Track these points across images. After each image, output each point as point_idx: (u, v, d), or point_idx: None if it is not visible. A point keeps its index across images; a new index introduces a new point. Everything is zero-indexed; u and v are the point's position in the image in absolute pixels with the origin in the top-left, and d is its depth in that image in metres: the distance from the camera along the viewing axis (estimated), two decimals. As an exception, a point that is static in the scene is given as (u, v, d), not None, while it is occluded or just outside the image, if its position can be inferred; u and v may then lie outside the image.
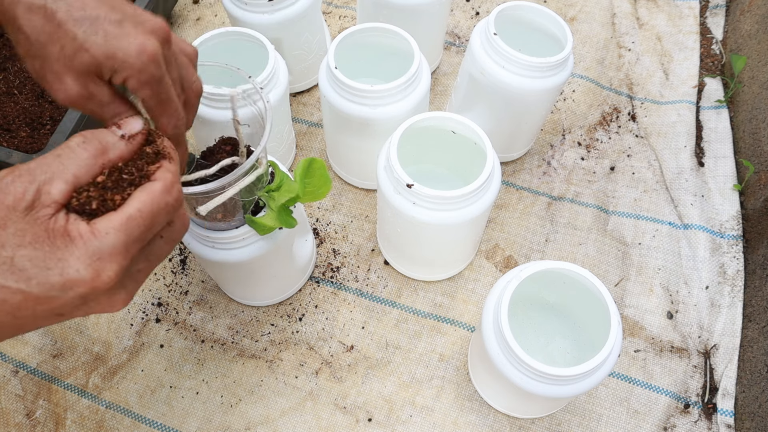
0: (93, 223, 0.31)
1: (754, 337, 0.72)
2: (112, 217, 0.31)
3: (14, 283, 0.29)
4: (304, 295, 0.78)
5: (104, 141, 0.33)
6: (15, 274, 0.29)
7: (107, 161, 0.32)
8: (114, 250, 0.30)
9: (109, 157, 0.32)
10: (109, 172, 0.32)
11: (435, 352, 0.74)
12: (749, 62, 0.91)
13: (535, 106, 0.76)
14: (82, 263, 0.29)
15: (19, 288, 0.29)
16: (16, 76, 0.88)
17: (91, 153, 0.32)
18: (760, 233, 0.78)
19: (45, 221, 0.30)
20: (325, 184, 0.57)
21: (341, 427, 0.69)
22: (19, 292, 0.29)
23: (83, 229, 0.30)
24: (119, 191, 0.32)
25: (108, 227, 0.30)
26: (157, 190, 0.32)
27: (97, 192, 0.31)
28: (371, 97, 0.68)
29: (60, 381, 0.73)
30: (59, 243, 0.29)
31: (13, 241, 0.29)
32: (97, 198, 0.31)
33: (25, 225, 0.29)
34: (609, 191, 0.87)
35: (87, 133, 0.32)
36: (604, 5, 1.06)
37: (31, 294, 0.29)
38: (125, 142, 0.33)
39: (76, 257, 0.29)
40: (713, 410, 0.70)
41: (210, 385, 0.72)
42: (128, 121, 0.35)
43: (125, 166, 0.33)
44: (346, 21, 1.06)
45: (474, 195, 0.61)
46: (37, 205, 0.30)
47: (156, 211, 0.32)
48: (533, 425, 0.69)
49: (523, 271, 0.57)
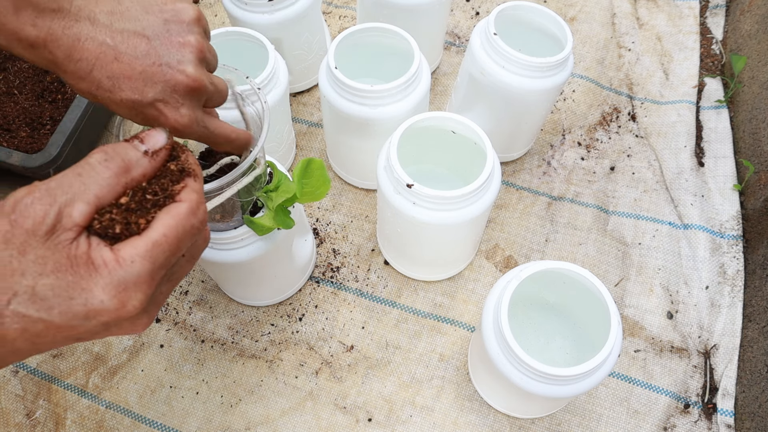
0: (117, 250, 0.29)
1: (754, 337, 0.72)
2: (137, 244, 0.30)
3: (35, 312, 0.28)
4: (304, 295, 0.78)
5: (127, 158, 0.31)
6: (36, 304, 0.28)
7: (130, 180, 0.31)
8: (139, 280, 0.29)
9: (133, 176, 0.31)
10: (132, 192, 0.31)
11: (435, 352, 0.74)
12: (749, 62, 0.91)
13: (535, 106, 0.76)
14: (107, 294, 0.28)
15: (40, 317, 0.28)
16: (16, 76, 0.88)
17: (114, 172, 0.30)
18: (760, 233, 0.78)
19: (66, 246, 0.28)
20: (323, 184, 0.57)
21: (341, 427, 0.69)
22: (41, 321, 0.28)
23: (107, 257, 0.29)
24: (143, 213, 0.30)
25: (133, 255, 0.29)
26: (182, 212, 0.31)
27: (121, 215, 0.30)
28: (371, 97, 0.68)
29: (60, 381, 0.73)
30: (82, 272, 0.28)
31: (34, 269, 0.28)
32: (121, 222, 0.30)
33: (46, 251, 0.28)
34: (609, 191, 0.87)
35: (109, 149, 0.31)
36: (604, 5, 1.06)
37: (52, 323, 0.28)
38: (149, 158, 0.32)
39: (101, 288, 0.28)
40: (713, 410, 0.70)
41: (210, 385, 0.72)
42: (152, 135, 0.33)
43: (149, 185, 0.31)
44: (346, 21, 1.06)
45: (474, 195, 0.61)
46: (58, 229, 0.28)
47: (182, 234, 0.31)
48: (533, 425, 0.69)
49: (523, 271, 0.57)
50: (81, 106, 0.81)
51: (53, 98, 0.86)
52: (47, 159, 0.78)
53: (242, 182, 0.50)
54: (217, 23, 1.06)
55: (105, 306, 0.28)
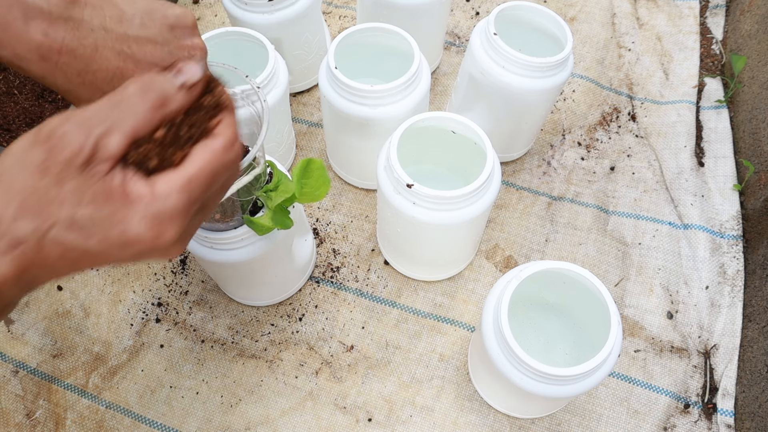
0: (152, 183, 0.29)
1: (754, 337, 0.72)
2: (173, 178, 0.30)
3: (74, 240, 0.28)
4: (304, 295, 0.78)
5: (164, 91, 0.30)
6: (75, 233, 0.28)
7: (167, 114, 0.30)
8: (175, 213, 0.30)
9: (169, 110, 0.31)
10: (168, 126, 0.30)
11: (435, 352, 0.74)
12: (749, 62, 0.91)
13: (535, 106, 0.76)
14: (144, 226, 0.29)
15: (78, 245, 0.29)
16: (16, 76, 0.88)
17: (151, 105, 0.30)
18: (760, 233, 0.78)
19: (102, 178, 0.28)
20: (323, 184, 0.57)
21: (341, 427, 0.69)
22: (79, 249, 0.29)
23: (143, 190, 0.29)
24: (178, 147, 0.30)
25: (169, 189, 0.29)
26: (218, 148, 0.31)
27: (156, 148, 0.30)
28: (371, 97, 0.68)
29: (60, 381, 0.73)
30: (119, 204, 0.29)
31: (72, 199, 0.28)
32: (157, 155, 0.30)
33: (83, 182, 0.28)
34: (609, 191, 0.87)
35: (147, 81, 0.30)
36: (604, 5, 1.06)
37: (89, 251, 0.29)
38: (185, 92, 0.31)
39: (137, 220, 0.29)
40: (713, 410, 0.70)
41: (210, 385, 0.72)
42: (189, 67, 0.32)
43: (184, 118, 0.31)
44: (346, 21, 1.06)
45: (474, 195, 0.61)
46: (95, 160, 0.28)
47: (217, 169, 0.31)
48: (533, 425, 0.69)
49: (523, 271, 0.57)
50: (81, 106, 0.81)
51: (53, 98, 0.86)
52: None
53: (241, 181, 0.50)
54: (217, 23, 1.06)
55: (141, 237, 0.29)
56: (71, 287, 0.79)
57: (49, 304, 0.78)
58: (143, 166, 0.30)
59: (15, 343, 0.76)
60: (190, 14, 0.42)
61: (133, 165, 0.30)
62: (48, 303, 0.78)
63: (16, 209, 0.28)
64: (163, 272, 0.80)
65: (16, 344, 0.75)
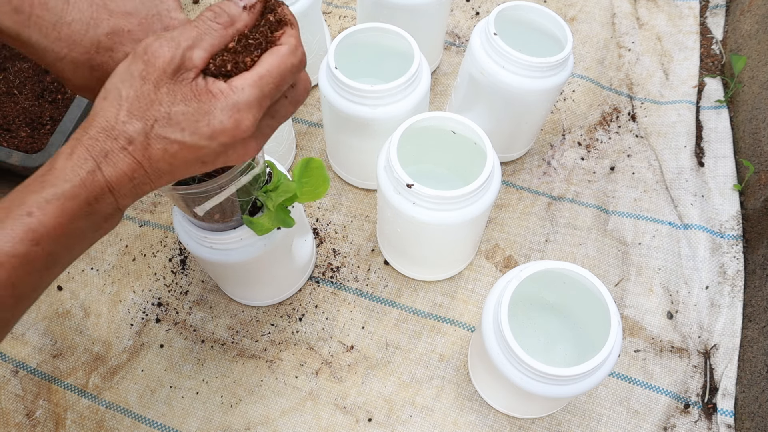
0: (230, 82, 0.35)
1: (754, 337, 0.72)
2: (246, 75, 0.35)
3: (171, 133, 0.34)
4: (304, 295, 0.78)
5: (231, 13, 0.36)
6: (172, 126, 0.34)
7: (235, 31, 0.36)
8: (249, 103, 0.35)
9: (237, 27, 0.36)
10: (238, 39, 0.36)
11: (435, 352, 0.74)
12: (749, 62, 0.91)
13: (535, 106, 0.76)
14: (225, 115, 0.34)
15: (176, 138, 0.34)
16: (16, 76, 0.88)
17: (223, 25, 0.36)
18: (760, 233, 0.78)
19: (190, 82, 0.34)
20: (323, 183, 0.57)
21: (341, 427, 0.69)
22: (176, 142, 0.35)
23: (223, 87, 0.35)
24: (248, 54, 0.36)
25: (243, 84, 0.35)
26: (283, 52, 0.36)
27: (230, 56, 0.36)
28: (371, 97, 0.68)
29: (60, 381, 0.73)
30: (204, 99, 0.34)
31: (167, 99, 0.34)
32: (231, 61, 0.36)
33: (175, 85, 0.34)
34: (609, 191, 0.87)
35: (216, 8, 0.36)
36: (604, 5, 1.06)
37: (185, 143, 0.35)
38: (247, 11, 0.37)
39: (219, 110, 0.34)
40: (713, 410, 0.70)
41: (210, 385, 0.72)
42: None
43: (251, 33, 0.37)
44: (346, 21, 1.06)
45: (474, 195, 0.61)
46: (183, 68, 0.34)
47: (284, 70, 0.36)
48: (533, 425, 0.69)
49: (523, 271, 0.57)
50: (81, 106, 0.81)
51: (53, 98, 0.86)
52: (47, 159, 0.77)
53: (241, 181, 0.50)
54: (217, 23, 1.06)
55: (224, 125, 0.35)
56: (71, 287, 0.79)
57: (49, 304, 0.78)
58: (221, 72, 0.36)
59: (15, 343, 0.76)
60: None
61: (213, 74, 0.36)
62: (48, 303, 0.78)
63: (126, 113, 0.34)
64: (163, 272, 0.80)
65: (16, 344, 0.75)
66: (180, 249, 0.82)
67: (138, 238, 0.83)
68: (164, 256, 0.81)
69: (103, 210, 0.36)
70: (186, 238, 0.61)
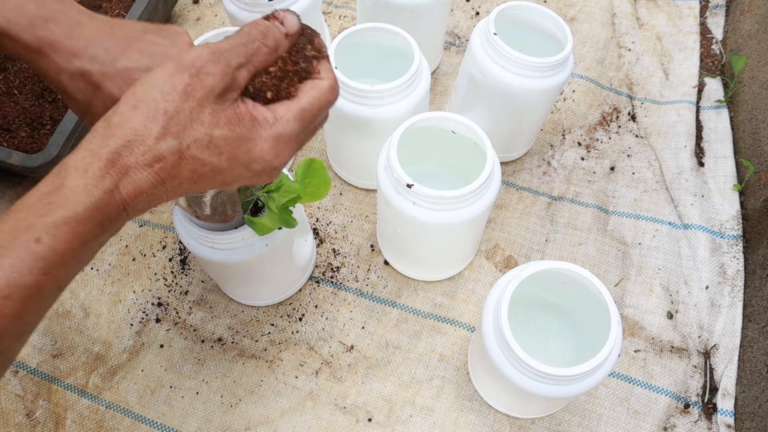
0: (273, 109, 0.34)
1: (754, 337, 0.72)
2: (291, 107, 0.35)
3: (209, 157, 0.33)
4: (304, 295, 0.78)
5: (277, 37, 0.36)
6: (210, 150, 0.33)
7: (278, 56, 0.36)
8: (291, 137, 0.34)
9: (279, 53, 0.36)
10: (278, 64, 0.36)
11: (435, 352, 0.74)
12: (749, 62, 0.91)
13: (535, 106, 0.76)
14: (268, 144, 0.33)
15: (211, 161, 0.33)
16: (16, 76, 0.88)
17: (270, 49, 0.35)
18: (760, 233, 0.78)
19: (234, 104, 0.33)
20: (324, 184, 0.57)
21: (341, 427, 0.69)
22: (210, 165, 0.33)
23: (267, 114, 0.34)
24: (290, 83, 0.36)
25: (288, 115, 0.34)
26: (325, 87, 0.36)
27: (270, 81, 0.35)
28: (371, 97, 0.68)
29: (60, 381, 0.73)
30: (248, 125, 0.33)
31: (210, 120, 0.32)
32: (272, 87, 0.35)
33: (219, 107, 0.33)
34: (609, 191, 0.87)
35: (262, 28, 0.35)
36: (604, 5, 1.06)
37: (218, 167, 0.33)
38: (288, 39, 0.36)
39: (264, 139, 0.33)
40: (713, 410, 0.70)
41: (210, 385, 0.72)
42: (289, 18, 0.37)
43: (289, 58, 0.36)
44: (346, 21, 1.06)
45: (474, 195, 0.61)
46: (230, 89, 0.33)
47: (323, 105, 0.36)
48: (533, 425, 0.69)
49: (523, 271, 0.57)
50: (81, 106, 0.81)
51: (53, 98, 0.86)
52: (47, 159, 0.78)
53: None
54: (217, 23, 1.06)
55: (263, 155, 0.34)
56: (71, 287, 0.79)
57: (49, 304, 0.78)
58: (259, 95, 0.35)
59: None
60: None
61: (251, 95, 0.34)
62: (48, 303, 0.78)
63: (162, 129, 0.32)
64: (163, 272, 0.80)
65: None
66: (180, 249, 0.82)
67: (138, 238, 0.83)
68: (164, 256, 0.81)
69: (115, 228, 0.34)
70: (187, 237, 0.61)
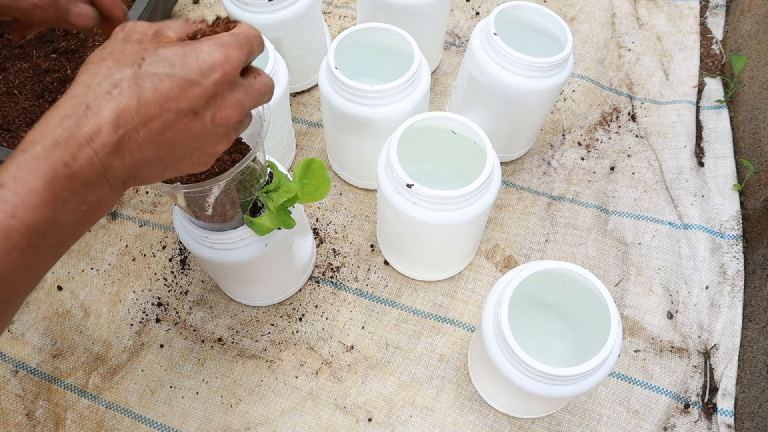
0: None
1: (754, 337, 0.72)
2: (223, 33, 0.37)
3: (161, 68, 0.34)
4: (304, 295, 0.78)
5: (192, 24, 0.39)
6: (161, 62, 0.34)
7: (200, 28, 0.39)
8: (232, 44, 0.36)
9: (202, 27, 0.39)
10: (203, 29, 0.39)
11: (435, 352, 0.74)
12: (749, 62, 0.91)
13: (535, 106, 0.76)
14: (214, 48, 0.35)
15: (166, 72, 0.34)
16: (16, 76, 0.88)
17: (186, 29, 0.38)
18: (760, 233, 0.78)
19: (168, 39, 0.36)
20: (323, 184, 0.57)
21: (341, 427, 0.69)
22: (167, 77, 0.34)
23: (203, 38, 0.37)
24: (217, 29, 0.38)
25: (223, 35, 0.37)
26: (245, 25, 0.39)
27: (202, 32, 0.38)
28: (371, 97, 0.68)
29: (60, 381, 0.73)
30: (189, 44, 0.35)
31: (152, 45, 0.35)
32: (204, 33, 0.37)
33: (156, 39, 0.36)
34: (609, 191, 0.87)
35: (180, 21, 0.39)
36: (604, 5, 1.06)
37: (176, 77, 0.34)
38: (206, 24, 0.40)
39: (207, 45, 0.35)
40: (713, 410, 0.70)
41: (210, 385, 0.72)
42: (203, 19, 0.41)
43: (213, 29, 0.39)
44: (346, 21, 1.06)
45: (474, 195, 0.61)
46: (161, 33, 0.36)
47: (250, 37, 0.38)
48: (533, 425, 0.69)
49: (523, 271, 0.57)
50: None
51: (53, 98, 0.86)
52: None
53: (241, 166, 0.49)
54: (217, 23, 1.06)
55: (213, 57, 0.35)
56: (71, 287, 0.79)
57: (49, 304, 0.78)
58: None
59: (15, 343, 0.76)
60: None
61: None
62: (48, 303, 0.78)
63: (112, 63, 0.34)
64: (163, 272, 0.80)
65: (16, 344, 0.75)
66: (180, 249, 0.82)
67: (138, 238, 0.83)
68: (164, 256, 0.81)
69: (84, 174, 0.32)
70: (187, 237, 0.61)
